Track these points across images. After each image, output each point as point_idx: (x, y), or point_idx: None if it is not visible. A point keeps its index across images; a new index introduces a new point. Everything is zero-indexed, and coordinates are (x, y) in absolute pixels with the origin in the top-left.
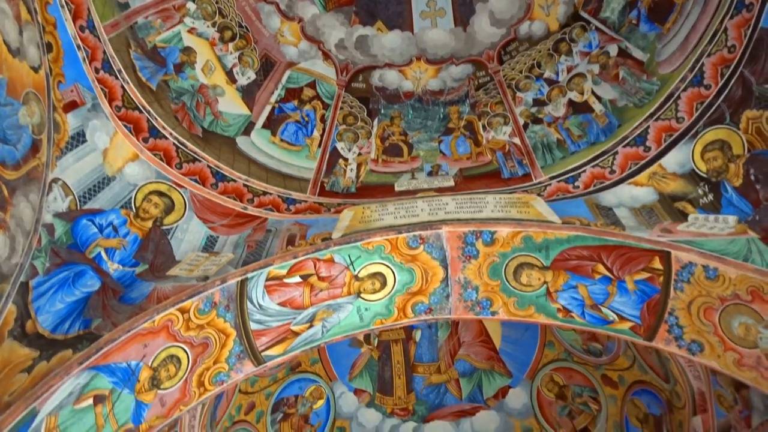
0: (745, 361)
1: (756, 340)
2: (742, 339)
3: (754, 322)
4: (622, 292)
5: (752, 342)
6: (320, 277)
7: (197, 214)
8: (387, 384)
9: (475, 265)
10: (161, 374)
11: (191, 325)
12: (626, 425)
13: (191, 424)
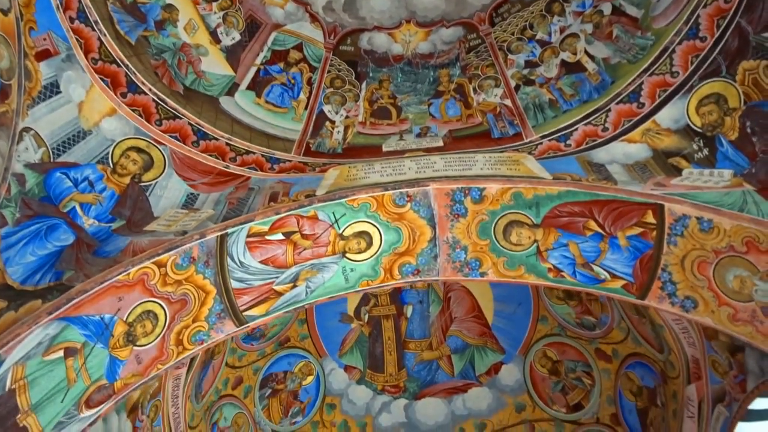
0: (740, 316)
1: (751, 293)
2: (736, 293)
3: (749, 275)
4: (614, 249)
5: (747, 295)
6: (303, 235)
7: (177, 171)
8: (378, 360)
9: (463, 224)
10: (137, 330)
11: (168, 280)
12: (620, 399)
13: (174, 394)
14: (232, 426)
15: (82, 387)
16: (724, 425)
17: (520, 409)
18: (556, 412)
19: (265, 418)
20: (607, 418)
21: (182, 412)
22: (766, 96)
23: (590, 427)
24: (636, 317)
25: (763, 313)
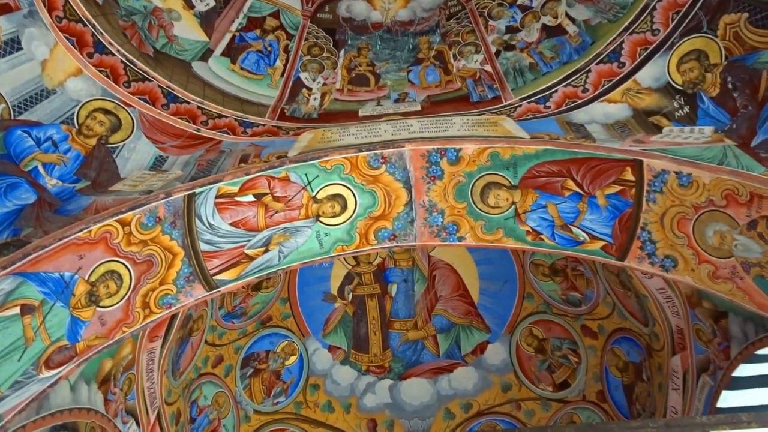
0: (720, 273)
1: (731, 249)
2: (716, 249)
3: (729, 229)
4: (593, 209)
5: (727, 251)
6: (275, 197)
7: (146, 134)
8: (362, 341)
9: (440, 187)
10: (100, 290)
11: (133, 240)
12: (606, 376)
13: (149, 368)
14: (212, 405)
15: (41, 346)
16: (708, 395)
17: (506, 388)
18: (542, 390)
19: (247, 398)
20: (593, 395)
21: (158, 387)
22: (748, 50)
23: (576, 405)
24: (621, 291)
25: (743, 268)
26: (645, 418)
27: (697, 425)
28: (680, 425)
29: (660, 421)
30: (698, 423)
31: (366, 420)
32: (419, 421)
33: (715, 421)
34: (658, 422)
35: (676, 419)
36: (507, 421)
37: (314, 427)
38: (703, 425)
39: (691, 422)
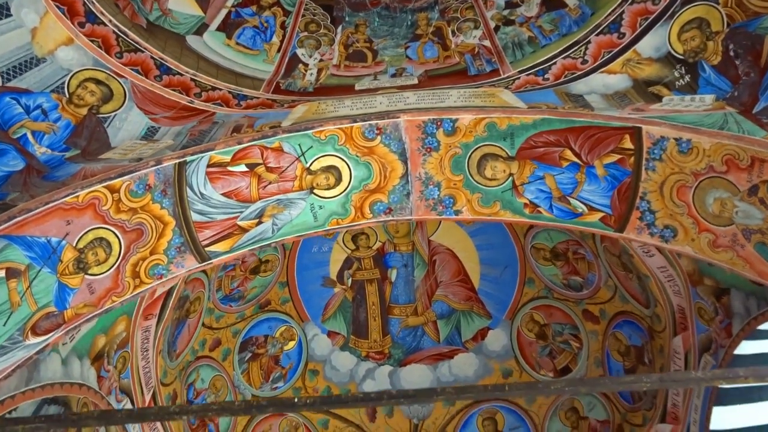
0: (720, 241)
1: (732, 216)
2: (717, 216)
3: (729, 195)
4: (591, 179)
5: (728, 218)
6: (268, 167)
7: (138, 104)
8: (362, 326)
9: (436, 158)
10: (88, 257)
11: (122, 207)
12: (607, 361)
13: (144, 347)
14: (209, 388)
15: (28, 312)
16: None
17: (507, 374)
18: (544, 376)
19: (245, 382)
20: None
21: (153, 367)
22: (750, 15)
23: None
24: (622, 273)
25: (744, 236)
26: (647, 401)
27: (693, 380)
28: (675, 380)
29: (654, 376)
30: (693, 378)
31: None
32: (419, 407)
33: (711, 376)
34: (652, 377)
35: (670, 374)
36: (507, 407)
37: (313, 413)
38: (698, 380)
39: (686, 377)
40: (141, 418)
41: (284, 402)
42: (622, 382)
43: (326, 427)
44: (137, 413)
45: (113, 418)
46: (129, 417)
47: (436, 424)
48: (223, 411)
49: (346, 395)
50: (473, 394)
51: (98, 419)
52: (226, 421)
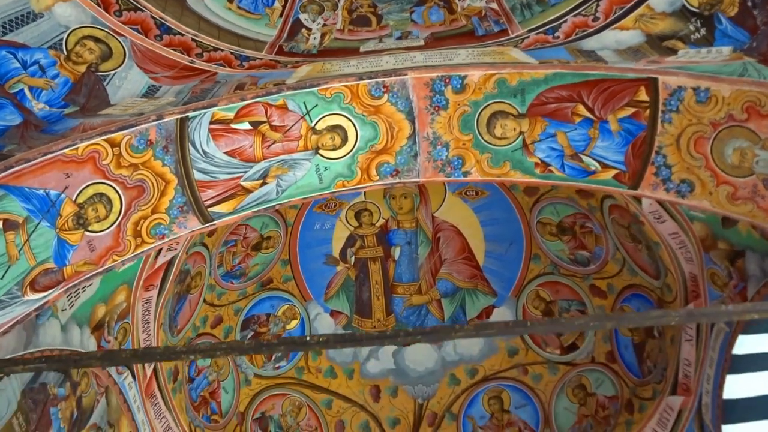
0: (740, 194)
1: (751, 166)
2: (736, 167)
3: (749, 145)
4: (605, 135)
5: (747, 169)
6: (272, 126)
7: (138, 63)
8: (365, 305)
9: (444, 118)
10: (88, 213)
11: (123, 163)
12: (615, 336)
13: (145, 319)
14: (211, 366)
15: (26, 266)
16: (724, 342)
17: (512, 353)
18: (550, 354)
19: (247, 361)
20: (602, 356)
21: (154, 340)
22: None
23: (585, 368)
24: (631, 244)
25: (764, 186)
26: (657, 374)
27: (723, 313)
28: (704, 314)
29: (682, 310)
30: (724, 311)
31: (369, 386)
32: (423, 387)
33: (741, 309)
34: (681, 311)
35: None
36: (513, 386)
37: (316, 393)
38: (729, 313)
39: (715, 311)
40: (146, 357)
41: (296, 341)
42: (649, 317)
43: (329, 407)
44: (141, 353)
45: (116, 358)
46: (134, 357)
47: (441, 404)
48: (231, 350)
49: (361, 334)
50: (494, 331)
51: (101, 359)
52: (228, 398)
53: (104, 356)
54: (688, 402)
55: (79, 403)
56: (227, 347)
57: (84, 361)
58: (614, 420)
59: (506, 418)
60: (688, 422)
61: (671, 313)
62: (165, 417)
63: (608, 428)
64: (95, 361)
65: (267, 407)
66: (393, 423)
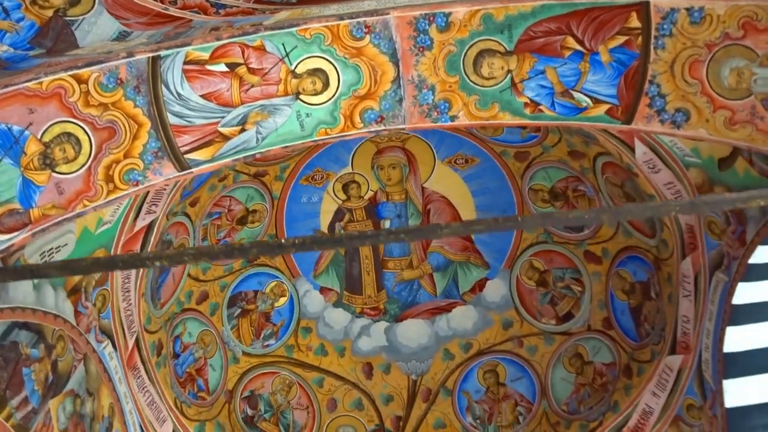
0: (738, 117)
1: (750, 86)
2: (733, 90)
3: (746, 64)
4: (596, 68)
5: (745, 90)
6: (250, 68)
7: (108, 9)
8: (355, 281)
9: (429, 59)
10: (55, 153)
11: (92, 101)
12: (611, 301)
13: (125, 287)
14: (197, 343)
15: None
16: (723, 293)
17: (507, 325)
18: (545, 324)
19: (235, 339)
20: (598, 323)
21: (136, 310)
22: None
23: (581, 336)
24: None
25: (763, 106)
26: (654, 335)
27: (726, 201)
28: (707, 202)
29: (684, 200)
30: (727, 199)
31: (361, 364)
32: (417, 363)
33: (746, 196)
34: (683, 201)
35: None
36: (509, 359)
37: (307, 371)
38: (732, 201)
39: (719, 199)
40: (109, 266)
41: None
42: (648, 207)
43: (321, 385)
44: (104, 261)
45: (78, 266)
46: (96, 265)
47: (436, 379)
48: (200, 255)
49: (340, 235)
50: (483, 227)
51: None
52: (216, 376)
53: (64, 266)
54: (687, 360)
55: (55, 367)
56: (195, 252)
57: (41, 271)
58: (612, 386)
59: (502, 391)
60: (688, 381)
61: (671, 203)
62: (149, 390)
63: (606, 395)
64: (54, 271)
65: (256, 385)
66: (386, 400)
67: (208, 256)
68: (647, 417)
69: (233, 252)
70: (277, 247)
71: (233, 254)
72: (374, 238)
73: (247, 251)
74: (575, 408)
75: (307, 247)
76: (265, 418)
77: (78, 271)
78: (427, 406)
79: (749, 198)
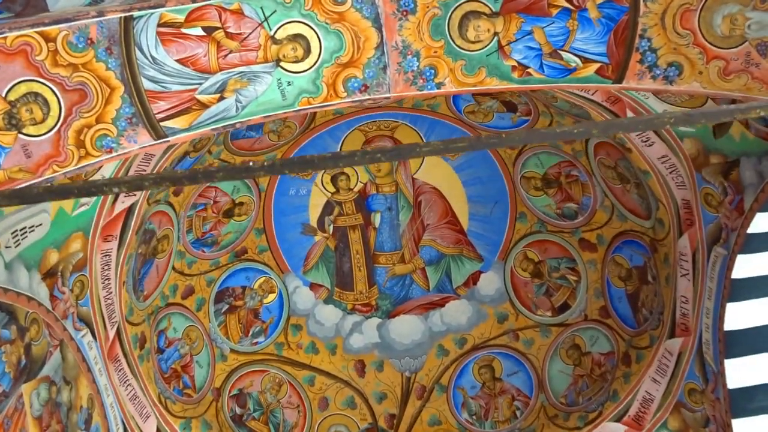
0: (732, 66)
1: (743, 32)
2: (727, 38)
3: (740, 9)
4: (584, 25)
5: (739, 37)
6: (228, 33)
7: None
8: (346, 277)
9: (413, 23)
10: (22, 113)
11: (60, 61)
12: (608, 289)
13: (105, 274)
14: (183, 338)
15: None
16: (722, 267)
17: (502, 319)
18: (541, 317)
19: (222, 336)
20: (595, 313)
21: (117, 300)
22: None
23: (578, 327)
24: (619, 186)
25: (758, 52)
26: (653, 320)
27: (725, 112)
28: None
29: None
30: (726, 110)
31: (353, 361)
32: (410, 360)
33: (745, 107)
34: (677, 113)
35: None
36: (504, 353)
37: (297, 370)
38: (731, 112)
39: (717, 110)
40: (63, 193)
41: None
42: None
43: (312, 383)
44: (57, 188)
45: (29, 194)
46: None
47: (430, 376)
48: (162, 180)
49: (313, 156)
50: (464, 145)
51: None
52: (203, 373)
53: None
54: (687, 342)
55: (28, 351)
56: (156, 177)
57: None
58: (611, 375)
59: (498, 386)
60: (689, 364)
61: (666, 114)
62: (131, 384)
63: (605, 385)
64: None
65: (245, 384)
66: (380, 398)
67: (170, 181)
68: (648, 405)
69: (197, 176)
70: (245, 170)
71: (197, 178)
72: (349, 158)
73: (212, 175)
74: (574, 400)
75: (277, 169)
76: (254, 417)
77: (29, 199)
78: (421, 404)
79: (748, 108)
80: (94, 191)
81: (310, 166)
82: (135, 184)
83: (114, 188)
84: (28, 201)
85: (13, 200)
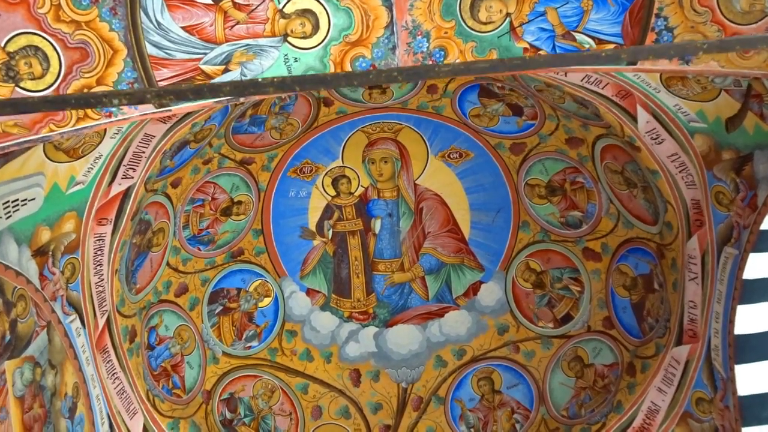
0: None
1: (764, 7)
2: (746, 14)
3: None
4: (599, 5)
5: (759, 12)
6: (236, 3)
7: None
8: (344, 284)
9: (424, 2)
10: (20, 66)
11: (63, 16)
12: (612, 300)
13: (97, 260)
14: (174, 337)
15: None
16: (733, 268)
17: (502, 330)
18: (542, 328)
19: (215, 338)
20: (599, 324)
21: (108, 287)
22: None
23: (581, 338)
24: (626, 192)
25: None
26: (659, 328)
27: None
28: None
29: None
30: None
31: (349, 370)
32: (407, 370)
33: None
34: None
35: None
36: (504, 365)
37: (291, 376)
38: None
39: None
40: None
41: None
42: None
43: (305, 391)
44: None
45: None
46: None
47: (427, 387)
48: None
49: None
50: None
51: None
52: (193, 374)
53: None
54: (695, 349)
55: (14, 327)
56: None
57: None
58: (615, 387)
59: (498, 398)
60: (697, 372)
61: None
62: (119, 377)
63: (609, 396)
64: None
65: (236, 388)
66: (375, 408)
67: (174, 94)
68: (653, 416)
69: (203, 90)
70: (252, 86)
71: (203, 93)
72: (364, 76)
73: (218, 89)
74: (576, 412)
75: (288, 86)
76: (244, 423)
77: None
78: (417, 415)
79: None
80: (93, 102)
81: (323, 84)
82: (137, 97)
83: (114, 99)
84: (26, 110)
85: (6, 109)
